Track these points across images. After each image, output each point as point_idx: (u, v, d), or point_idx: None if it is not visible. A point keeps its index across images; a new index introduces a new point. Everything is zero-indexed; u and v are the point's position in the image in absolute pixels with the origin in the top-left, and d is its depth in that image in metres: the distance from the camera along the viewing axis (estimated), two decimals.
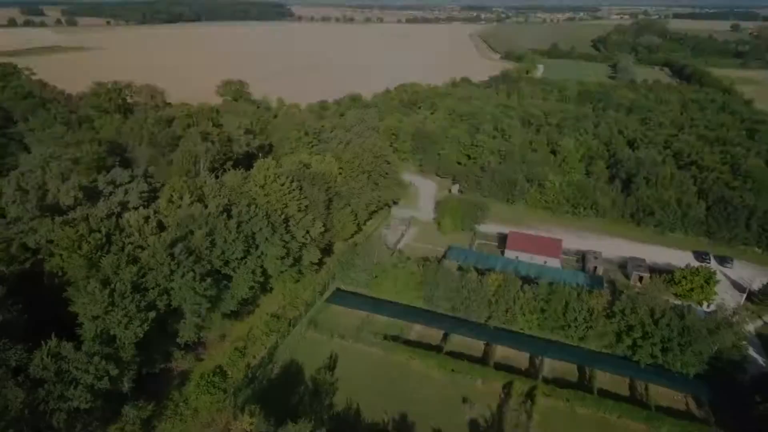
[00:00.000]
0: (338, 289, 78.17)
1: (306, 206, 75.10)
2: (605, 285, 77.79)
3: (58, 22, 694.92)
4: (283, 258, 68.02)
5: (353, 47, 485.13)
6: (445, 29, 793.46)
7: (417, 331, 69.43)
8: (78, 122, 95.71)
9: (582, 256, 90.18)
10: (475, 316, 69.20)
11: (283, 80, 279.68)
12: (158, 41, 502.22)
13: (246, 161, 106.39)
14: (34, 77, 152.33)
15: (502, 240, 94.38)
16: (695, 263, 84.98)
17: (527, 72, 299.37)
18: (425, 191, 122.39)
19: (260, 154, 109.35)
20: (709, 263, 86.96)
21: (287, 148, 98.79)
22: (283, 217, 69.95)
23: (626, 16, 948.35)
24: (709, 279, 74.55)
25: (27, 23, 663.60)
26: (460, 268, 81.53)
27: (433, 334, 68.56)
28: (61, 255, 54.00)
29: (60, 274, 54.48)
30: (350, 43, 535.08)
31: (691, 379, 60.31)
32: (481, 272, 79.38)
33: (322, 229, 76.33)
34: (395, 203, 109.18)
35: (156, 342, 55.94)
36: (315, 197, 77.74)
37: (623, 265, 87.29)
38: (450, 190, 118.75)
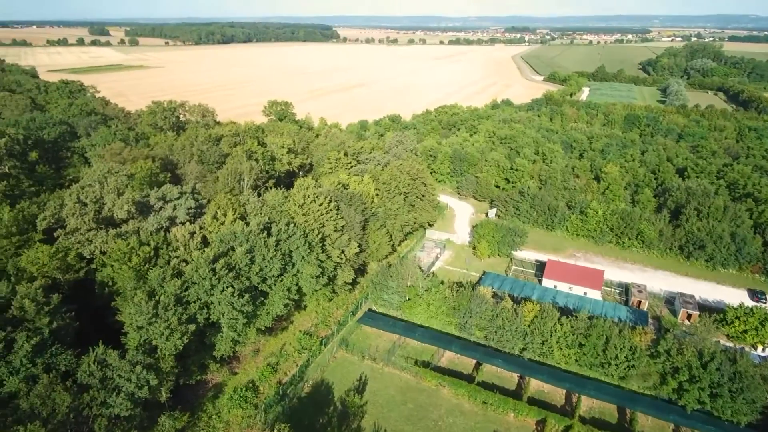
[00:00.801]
0: (370, 310, 78.43)
1: (342, 226, 76.33)
2: (650, 321, 74.12)
3: (122, 42, 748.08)
4: (318, 277, 69.21)
5: (395, 68, 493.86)
6: (487, 51, 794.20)
7: (448, 358, 68.34)
8: (135, 139, 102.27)
9: (625, 289, 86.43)
10: (510, 347, 67.42)
11: (326, 99, 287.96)
12: (211, 61, 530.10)
13: (287, 179, 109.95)
14: (97, 95, 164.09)
15: (540, 268, 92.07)
16: (750, 302, 79.56)
17: (571, 95, 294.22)
18: (461, 214, 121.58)
19: (301, 173, 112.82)
20: (765, 303, 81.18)
21: (327, 167, 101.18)
22: (319, 236, 71.33)
23: (678, 39, 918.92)
24: (765, 320, 69.51)
25: (94, 42, 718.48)
26: (495, 295, 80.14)
27: (465, 363, 67.27)
28: (112, 266, 57.34)
29: (110, 284, 57.74)
30: (392, 63, 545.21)
31: (742, 428, 56.02)
32: (516, 300, 77.95)
33: (357, 250, 77.19)
34: (430, 225, 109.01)
35: (194, 354, 57.95)
36: (351, 218, 78.93)
37: (670, 301, 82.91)
38: (487, 214, 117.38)
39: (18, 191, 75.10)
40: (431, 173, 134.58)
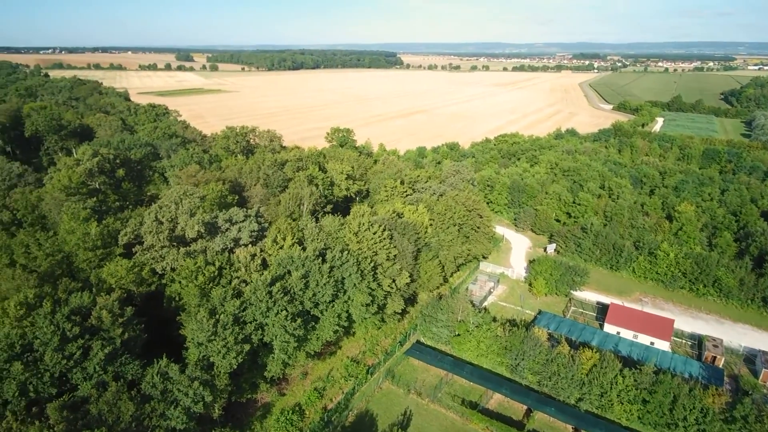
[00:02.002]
0: (419, 342, 77.63)
1: (395, 255, 76.90)
2: (725, 381, 67.17)
3: (203, 67, 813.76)
4: (368, 305, 69.87)
5: (456, 94, 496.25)
6: (553, 78, 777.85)
7: (497, 400, 65.74)
8: (209, 161, 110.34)
9: (698, 342, 79.22)
10: (564, 395, 63.77)
11: (386, 124, 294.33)
12: (281, 86, 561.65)
13: (344, 204, 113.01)
14: (179, 118, 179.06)
15: (602, 311, 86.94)
16: None
17: (643, 125, 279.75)
18: (518, 247, 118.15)
19: (357, 198, 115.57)
20: None
21: (383, 195, 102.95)
22: (372, 264, 72.28)
23: (766, 68, 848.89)
24: None
25: (179, 68, 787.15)
26: (550, 337, 76.57)
27: (515, 407, 64.38)
28: (180, 282, 61.57)
29: (177, 299, 61.88)
30: (453, 90, 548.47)
31: None
32: (574, 345, 73.97)
33: (408, 280, 77.22)
34: (485, 257, 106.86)
35: (246, 372, 60.25)
36: (404, 247, 79.37)
37: (750, 359, 74.78)
38: (545, 250, 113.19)
39: (105, 207, 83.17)
40: (487, 203, 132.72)
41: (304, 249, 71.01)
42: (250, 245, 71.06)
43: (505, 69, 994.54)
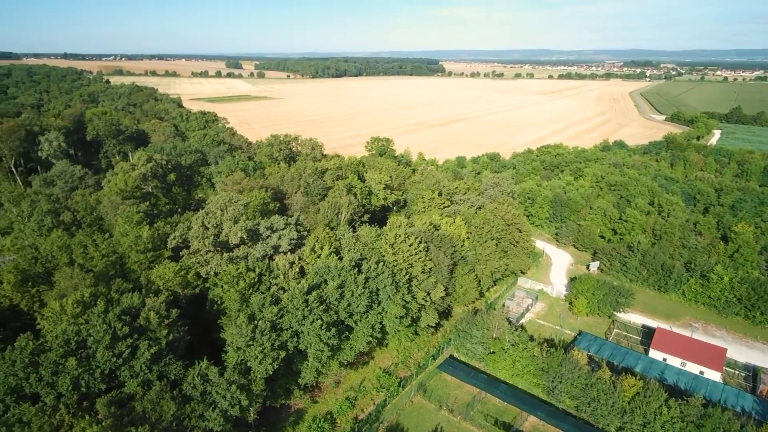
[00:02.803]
0: (452, 357, 76.74)
1: (430, 268, 76.60)
2: None
3: (251, 74, 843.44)
4: (401, 317, 69.94)
5: (498, 103, 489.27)
6: (601, 86, 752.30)
7: (532, 423, 63.83)
8: (253, 168, 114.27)
9: (753, 374, 73.91)
10: (604, 423, 61.17)
11: (426, 133, 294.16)
12: (324, 93, 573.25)
13: (381, 213, 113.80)
14: (227, 125, 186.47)
15: (648, 335, 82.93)
16: None
17: (698, 138, 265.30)
18: (559, 263, 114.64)
19: (395, 208, 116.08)
20: None
21: (420, 206, 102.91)
22: (407, 277, 72.35)
23: None
24: None
25: (229, 75, 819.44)
26: (590, 360, 73.77)
27: None
28: (222, 287, 64.01)
29: (219, 302, 64.33)
30: (495, 98, 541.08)
31: None
32: (616, 370, 70.95)
33: (443, 293, 76.67)
34: (523, 273, 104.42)
35: (281, 378, 61.60)
36: (440, 260, 78.93)
37: None
38: (588, 267, 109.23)
39: (156, 210, 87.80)
40: (528, 216, 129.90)
41: (340, 259, 72.08)
42: (289, 253, 72.90)
43: (550, 77, 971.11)
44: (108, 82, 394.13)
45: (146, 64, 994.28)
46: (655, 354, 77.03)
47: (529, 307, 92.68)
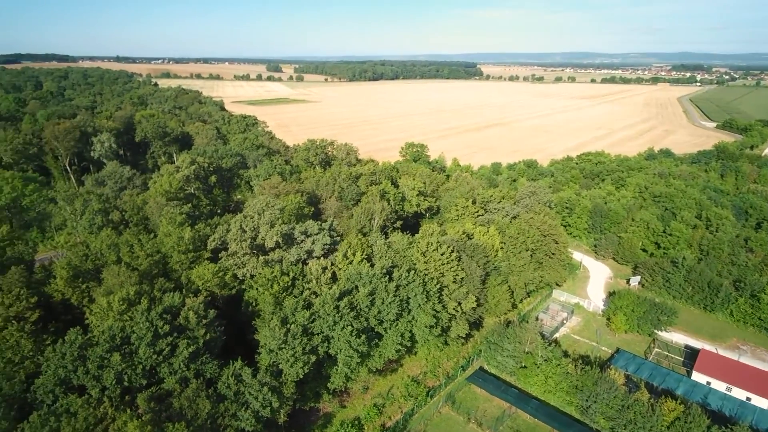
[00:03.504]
0: (482, 369, 75.68)
1: (462, 278, 75.89)
2: None
3: (290, 78, 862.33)
4: (431, 327, 69.63)
5: (537, 107, 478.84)
6: (648, 91, 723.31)
7: None
8: (290, 172, 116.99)
9: None
10: None
11: (461, 137, 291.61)
12: (360, 96, 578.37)
13: (414, 219, 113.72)
14: (266, 129, 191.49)
15: (691, 356, 78.99)
16: None
17: (751, 147, 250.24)
18: (597, 276, 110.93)
19: (428, 215, 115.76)
20: None
21: (453, 213, 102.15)
22: (438, 286, 71.99)
23: None
24: None
25: (269, 78, 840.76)
26: (628, 380, 71.05)
27: None
28: (257, 290, 65.82)
29: (254, 304, 66.17)
30: (534, 102, 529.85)
31: None
32: (655, 392, 68.02)
33: (475, 304, 75.77)
34: (558, 285, 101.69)
35: (311, 381, 62.61)
36: (472, 270, 78.09)
37: None
38: (628, 282, 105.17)
39: (198, 212, 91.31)
40: (565, 227, 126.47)
41: (372, 266, 72.60)
42: (322, 258, 74.08)
43: (593, 81, 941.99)
44: (156, 84, 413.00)
45: (192, 67, 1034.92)
46: (698, 377, 73.20)
47: (564, 321, 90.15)
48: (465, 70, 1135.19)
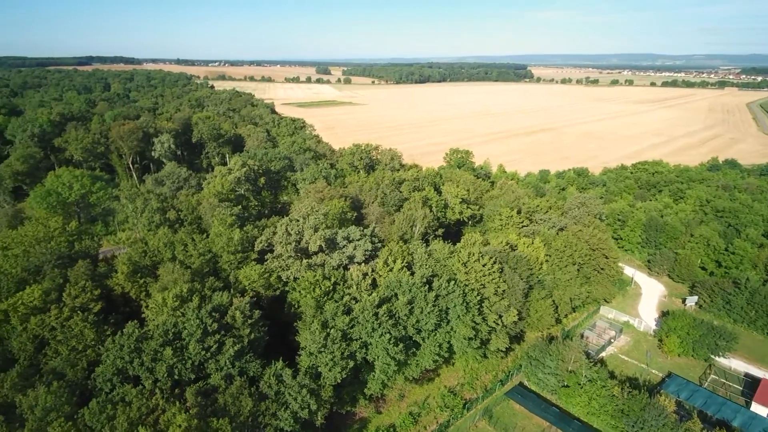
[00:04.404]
0: (521, 385, 73.93)
1: (503, 291, 74.49)
2: None
3: (338, 80, 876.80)
4: (470, 339, 68.88)
5: (590, 112, 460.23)
6: (713, 95, 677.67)
7: None
8: (335, 176, 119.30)
9: None
10: None
11: (508, 142, 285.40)
12: (406, 99, 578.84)
13: (456, 227, 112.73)
14: (313, 132, 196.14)
15: (751, 386, 73.56)
16: None
17: None
18: (649, 294, 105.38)
19: (470, 223, 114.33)
20: None
21: (497, 223, 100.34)
22: (478, 298, 71.08)
23: None
24: None
25: (318, 80, 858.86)
26: (679, 407, 67.22)
27: None
28: (300, 292, 67.74)
29: (296, 306, 68.14)
30: (587, 107, 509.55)
31: None
32: (709, 422, 64.01)
33: (516, 318, 74.14)
34: (607, 301, 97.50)
35: (348, 386, 63.68)
36: (514, 283, 76.47)
37: None
38: (684, 302, 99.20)
39: (247, 213, 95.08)
40: (616, 240, 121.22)
41: (412, 274, 72.78)
42: (363, 264, 75.09)
43: (652, 84, 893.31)
44: (212, 87, 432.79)
45: (246, 70, 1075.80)
46: (758, 408, 68.00)
47: (612, 340, 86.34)
48: (514, 72, 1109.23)
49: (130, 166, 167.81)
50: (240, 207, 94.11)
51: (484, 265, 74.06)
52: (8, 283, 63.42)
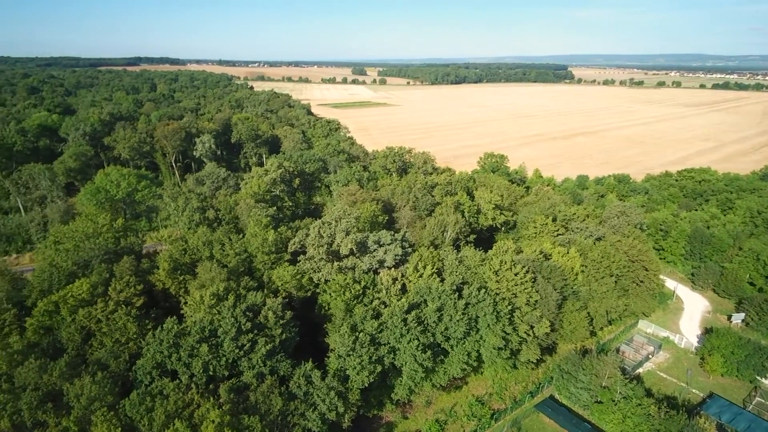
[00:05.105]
0: (552, 398, 72.26)
1: (536, 301, 73.04)
2: None
3: (374, 81, 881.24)
4: (500, 349, 67.96)
5: (633, 115, 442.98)
6: None
7: None
8: (367, 179, 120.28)
9: None
10: None
11: (545, 146, 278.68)
12: (441, 100, 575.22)
13: (488, 233, 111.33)
14: (348, 134, 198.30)
15: None
16: None
17: None
18: (692, 309, 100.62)
19: (503, 229, 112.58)
20: None
21: (531, 230, 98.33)
22: (509, 307, 69.99)
23: None
24: None
25: (353, 81, 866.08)
26: (720, 430, 63.88)
27: None
28: (330, 295, 68.81)
29: (326, 308, 69.26)
30: (631, 109, 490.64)
31: None
32: None
33: (548, 329, 72.51)
34: (646, 315, 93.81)
35: (375, 389, 64.19)
36: (548, 293, 74.80)
37: None
38: (730, 319, 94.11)
39: (281, 215, 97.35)
40: (658, 251, 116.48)
41: (442, 281, 72.48)
42: (393, 268, 75.40)
43: (702, 86, 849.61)
44: (251, 88, 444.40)
45: (283, 71, 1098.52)
46: None
47: (650, 356, 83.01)
48: (554, 73, 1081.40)
49: (173, 164, 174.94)
50: (275, 208, 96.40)
51: (516, 274, 72.88)
52: (59, 276, 67.53)
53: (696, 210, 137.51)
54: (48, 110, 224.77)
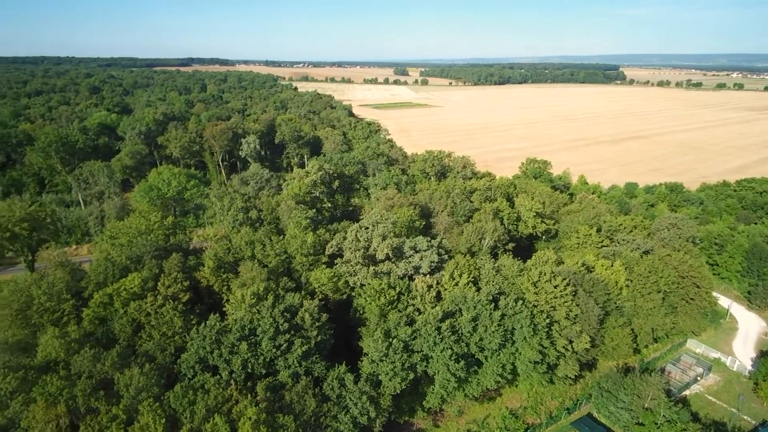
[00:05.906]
0: (590, 416, 69.89)
1: (576, 315, 70.86)
2: None
3: (415, 81, 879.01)
4: (536, 363, 66.51)
5: (689, 118, 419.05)
6: None
7: None
8: (405, 182, 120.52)
9: None
10: None
11: (591, 150, 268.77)
12: (485, 101, 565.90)
13: (528, 241, 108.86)
14: (388, 136, 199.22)
15: None
16: None
17: None
18: (747, 330, 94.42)
19: (544, 238, 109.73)
20: None
21: (573, 241, 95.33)
22: (547, 320, 68.29)
23: None
24: None
25: (395, 82, 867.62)
26: None
27: None
28: (365, 299, 69.61)
29: (361, 312, 70.12)
30: (687, 113, 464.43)
31: None
32: None
33: (588, 345, 70.18)
34: (695, 334, 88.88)
35: (407, 396, 64.41)
36: (589, 308, 72.34)
37: None
38: None
39: (320, 217, 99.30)
40: (711, 266, 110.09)
41: (478, 290, 71.67)
42: (428, 275, 75.31)
43: (767, 88, 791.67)
44: (296, 89, 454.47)
45: (327, 71, 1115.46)
46: None
47: (698, 378, 78.63)
48: (604, 73, 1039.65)
49: (220, 163, 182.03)
50: (314, 210, 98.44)
51: (555, 287, 71.00)
52: (114, 270, 71.95)
53: (755, 223, 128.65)
54: (107, 109, 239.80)
